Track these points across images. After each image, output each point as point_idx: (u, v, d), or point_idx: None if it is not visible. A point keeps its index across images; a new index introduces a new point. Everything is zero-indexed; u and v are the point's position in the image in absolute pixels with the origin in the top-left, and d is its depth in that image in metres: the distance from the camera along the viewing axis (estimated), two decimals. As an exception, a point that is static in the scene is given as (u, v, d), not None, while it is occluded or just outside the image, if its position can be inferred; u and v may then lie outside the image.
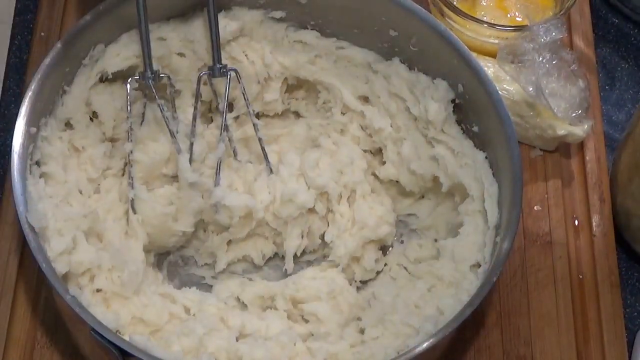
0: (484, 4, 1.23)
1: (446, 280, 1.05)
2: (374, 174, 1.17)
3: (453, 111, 1.12)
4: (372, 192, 1.15)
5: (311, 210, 1.13)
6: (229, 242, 1.13)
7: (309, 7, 1.14)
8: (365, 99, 1.17)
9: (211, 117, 1.17)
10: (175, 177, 1.13)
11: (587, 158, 1.21)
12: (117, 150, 1.12)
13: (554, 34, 1.14)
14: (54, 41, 1.21)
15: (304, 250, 1.14)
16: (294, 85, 1.18)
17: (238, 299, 1.10)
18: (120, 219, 1.09)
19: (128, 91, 1.09)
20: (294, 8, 1.14)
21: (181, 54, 1.13)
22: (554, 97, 1.14)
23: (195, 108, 1.11)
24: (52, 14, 1.24)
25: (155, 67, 1.10)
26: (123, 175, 1.12)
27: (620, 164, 1.17)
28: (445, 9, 1.20)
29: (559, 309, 1.12)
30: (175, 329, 1.02)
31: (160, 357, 0.94)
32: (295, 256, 1.13)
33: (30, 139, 1.02)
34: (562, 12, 1.19)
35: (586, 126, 1.16)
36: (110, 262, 1.03)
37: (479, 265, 1.04)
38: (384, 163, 1.16)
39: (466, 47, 1.08)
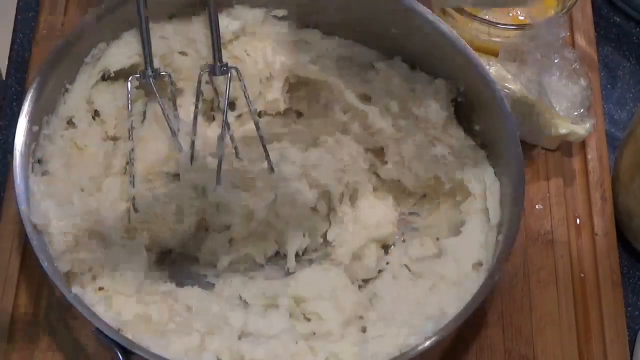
0: (486, 2, 1.23)
1: (448, 279, 1.05)
2: (376, 173, 1.17)
3: (455, 110, 1.12)
4: (374, 191, 1.15)
5: (313, 209, 1.13)
6: (231, 241, 1.13)
7: (311, 6, 1.14)
8: (366, 98, 1.16)
9: (213, 115, 1.16)
10: (176, 176, 1.13)
11: (589, 157, 1.21)
12: (119, 149, 1.12)
13: (555, 32, 1.14)
14: (56, 39, 1.21)
15: (305, 249, 1.14)
16: (296, 84, 1.18)
17: (240, 298, 1.10)
18: (122, 218, 1.09)
19: (129, 89, 1.09)
20: (295, 7, 1.14)
21: (183, 53, 1.12)
22: (555, 96, 1.14)
23: (196, 107, 1.11)
24: (54, 12, 1.24)
25: (156, 65, 1.10)
26: (124, 173, 1.12)
27: (622, 163, 1.17)
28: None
29: (560, 308, 1.12)
30: (177, 328, 1.02)
31: (162, 356, 0.94)
32: (297, 255, 1.13)
33: (32, 137, 1.02)
34: (564, 11, 1.19)
35: (588, 125, 1.16)
36: (112, 260, 1.03)
37: (481, 264, 1.04)
38: (385, 162, 1.16)
39: (468, 45, 1.08)
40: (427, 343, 0.95)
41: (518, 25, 1.19)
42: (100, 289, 1.02)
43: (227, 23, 1.12)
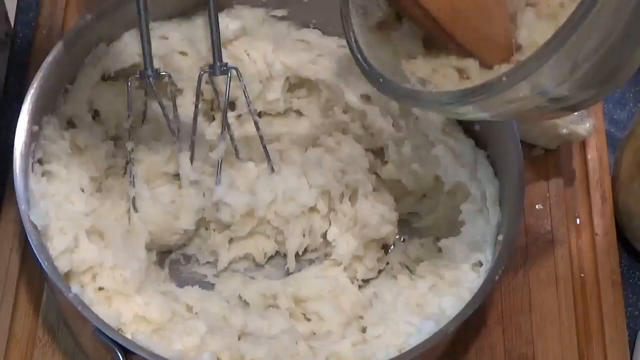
0: (486, 2, 1.23)
1: (448, 279, 1.05)
2: (376, 173, 1.17)
3: (455, 110, 1.12)
4: (374, 190, 1.15)
5: (313, 209, 1.13)
6: (231, 240, 1.13)
7: (311, 6, 1.14)
8: (367, 98, 1.16)
9: (213, 115, 1.17)
10: (176, 176, 1.13)
11: (589, 157, 1.21)
12: (119, 149, 1.12)
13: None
14: (56, 39, 1.21)
15: (305, 249, 1.14)
16: (296, 84, 1.18)
17: (240, 298, 1.11)
18: (122, 218, 1.09)
19: (129, 89, 1.09)
20: (295, 6, 1.14)
21: (183, 53, 1.13)
22: (555, 96, 1.14)
23: (196, 107, 1.11)
24: (54, 12, 1.24)
25: (156, 65, 1.10)
26: (125, 173, 1.13)
27: (622, 163, 1.17)
28: (447, 8, 1.20)
29: (560, 308, 1.12)
30: (177, 327, 1.02)
31: (162, 356, 0.94)
32: (297, 255, 1.13)
33: (33, 137, 1.02)
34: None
35: (588, 125, 1.16)
36: (112, 260, 1.03)
37: (481, 264, 1.04)
38: (385, 162, 1.16)
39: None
40: (427, 343, 0.95)
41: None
42: (100, 288, 1.02)
43: (227, 23, 1.12)
